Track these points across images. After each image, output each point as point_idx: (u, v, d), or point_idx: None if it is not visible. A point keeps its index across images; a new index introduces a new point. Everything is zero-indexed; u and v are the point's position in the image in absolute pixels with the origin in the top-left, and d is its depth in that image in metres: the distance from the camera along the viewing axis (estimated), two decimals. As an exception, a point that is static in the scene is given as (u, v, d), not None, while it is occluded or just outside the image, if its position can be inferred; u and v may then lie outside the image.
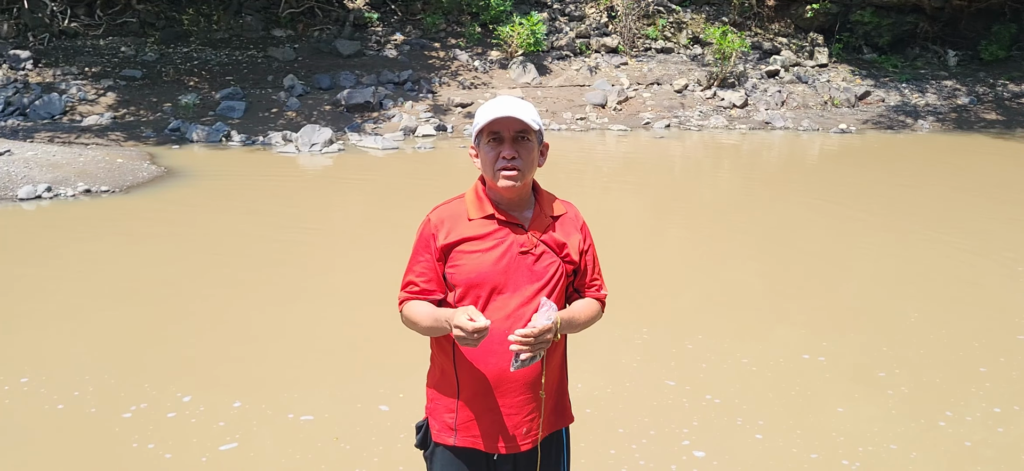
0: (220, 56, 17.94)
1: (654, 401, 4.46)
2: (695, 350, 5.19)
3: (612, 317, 5.75)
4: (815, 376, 4.83)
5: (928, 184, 11.70)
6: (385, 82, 17.14)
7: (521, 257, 2.15)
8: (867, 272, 7.18)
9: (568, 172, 12.32)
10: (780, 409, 4.38)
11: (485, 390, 2.16)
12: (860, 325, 5.70)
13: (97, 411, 4.23)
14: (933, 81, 20.10)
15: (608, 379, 4.73)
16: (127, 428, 4.05)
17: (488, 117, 2.09)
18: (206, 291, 6.32)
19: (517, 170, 2.10)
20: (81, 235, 8.05)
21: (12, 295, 6.19)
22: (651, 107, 17.67)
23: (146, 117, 14.92)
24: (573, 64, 19.07)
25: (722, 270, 7.24)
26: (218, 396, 4.40)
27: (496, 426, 2.17)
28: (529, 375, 2.17)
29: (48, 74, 16.12)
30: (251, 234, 8.18)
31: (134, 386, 4.51)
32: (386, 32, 19.42)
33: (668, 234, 8.94)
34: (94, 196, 9.60)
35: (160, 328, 5.47)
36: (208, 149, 13.12)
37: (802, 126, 17.16)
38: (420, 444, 2.30)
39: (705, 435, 4.09)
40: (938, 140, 16.31)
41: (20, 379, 4.57)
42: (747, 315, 5.91)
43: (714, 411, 4.35)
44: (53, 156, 10.73)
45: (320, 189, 10.86)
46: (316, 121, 14.82)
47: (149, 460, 3.77)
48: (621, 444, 3.99)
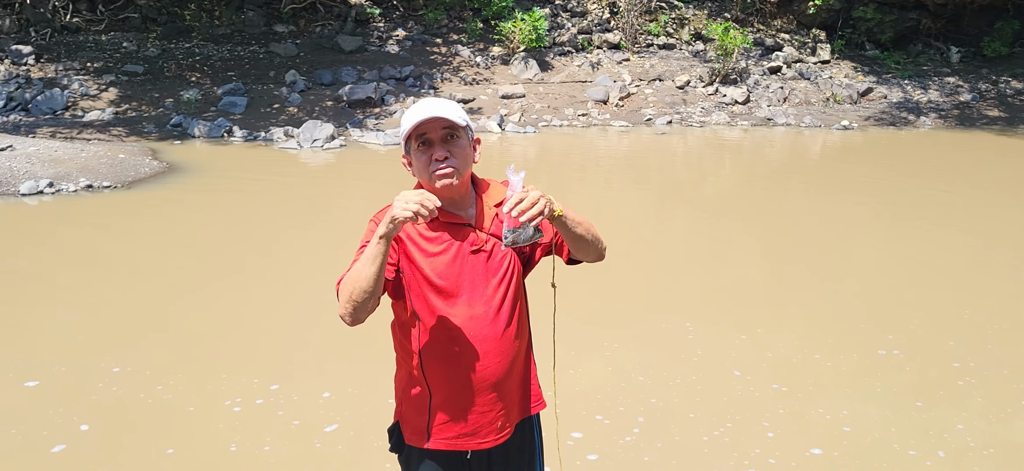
0: (222, 51, 17.94)
1: (655, 396, 4.46)
2: (696, 342, 5.20)
3: (613, 310, 5.77)
4: (816, 374, 4.83)
5: (931, 181, 11.68)
6: (387, 78, 17.13)
7: (473, 257, 2.12)
8: (868, 269, 7.17)
9: (570, 168, 12.32)
10: (782, 407, 4.39)
11: (455, 391, 2.14)
12: (862, 322, 5.69)
13: (195, 409, 4.27)
14: (935, 77, 20.07)
15: (608, 372, 4.74)
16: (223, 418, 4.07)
17: (413, 121, 2.04)
18: (215, 284, 6.34)
19: (453, 167, 2.05)
20: (83, 229, 8.07)
21: (19, 288, 6.21)
22: (653, 103, 17.65)
23: (148, 112, 14.93)
24: (575, 60, 19.05)
25: (724, 265, 7.24)
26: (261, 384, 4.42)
27: (468, 425, 2.17)
28: (497, 372, 2.14)
29: (50, 69, 16.13)
30: (254, 229, 8.19)
31: (195, 376, 4.53)
32: (388, 28, 19.40)
33: (670, 229, 8.94)
34: (96, 191, 9.61)
35: (181, 322, 5.49)
36: (210, 145, 13.12)
37: (804, 123, 17.14)
38: (394, 448, 2.29)
39: (705, 434, 4.09)
40: (940, 137, 16.28)
41: (113, 368, 4.61)
42: (748, 312, 5.90)
43: (715, 406, 4.35)
44: (55, 151, 10.75)
45: (322, 185, 10.87)
46: (318, 117, 14.83)
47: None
48: (622, 443, 4.00)
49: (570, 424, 4.01)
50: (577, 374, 4.70)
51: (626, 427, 4.12)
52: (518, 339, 2.20)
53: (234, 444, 3.91)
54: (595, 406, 4.32)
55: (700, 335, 5.38)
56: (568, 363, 4.73)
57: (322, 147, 12.90)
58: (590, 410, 4.26)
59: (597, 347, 5.13)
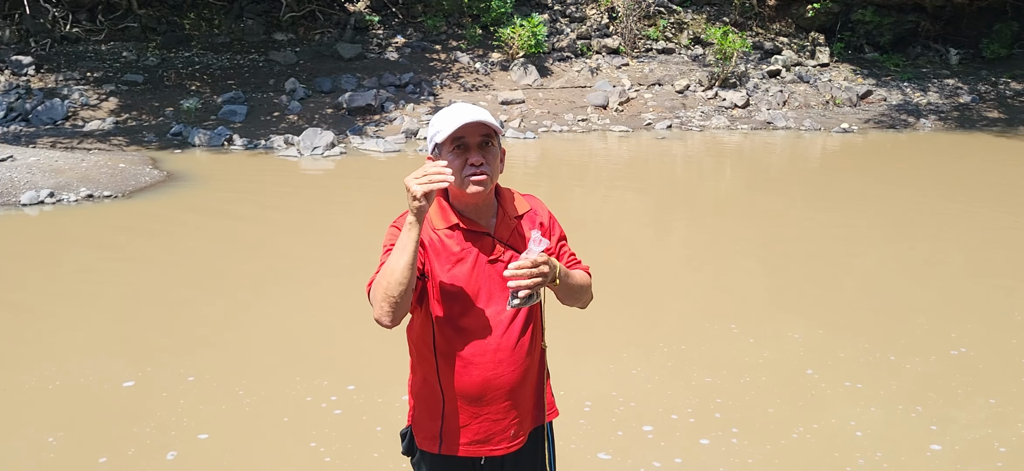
0: (221, 60, 17.96)
1: (656, 402, 4.45)
2: (696, 349, 5.19)
3: (613, 317, 5.76)
4: (818, 376, 4.82)
5: (931, 183, 11.68)
6: (386, 85, 17.15)
7: (491, 266, 2.13)
8: (869, 273, 7.17)
9: (570, 173, 12.32)
10: (785, 410, 4.38)
11: (469, 398, 2.15)
12: (863, 327, 5.68)
13: (251, 411, 4.31)
14: (935, 80, 20.07)
15: (610, 379, 4.73)
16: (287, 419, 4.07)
17: (455, 125, 2.03)
18: (222, 293, 6.33)
19: (485, 175, 2.07)
20: (83, 240, 8.06)
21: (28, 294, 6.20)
22: (652, 108, 17.66)
23: (148, 122, 14.94)
24: (574, 65, 19.07)
25: (725, 270, 7.22)
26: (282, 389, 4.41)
27: (481, 432, 2.18)
28: (511, 380, 2.16)
29: (50, 79, 16.15)
30: (256, 237, 8.19)
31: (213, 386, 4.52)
32: (387, 35, 19.43)
33: (671, 234, 8.93)
34: (97, 201, 9.61)
35: (185, 332, 5.48)
36: (210, 153, 13.13)
37: (804, 126, 17.15)
38: (406, 451, 2.31)
39: (707, 437, 4.08)
40: (940, 139, 16.29)
41: (124, 383, 4.63)
42: (748, 316, 5.89)
43: (716, 410, 4.34)
44: (55, 161, 10.75)
45: (323, 192, 10.87)
46: (318, 124, 14.84)
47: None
48: (621, 446, 3.99)
49: (597, 441, 4.00)
50: (587, 386, 4.68)
51: (635, 437, 4.10)
52: (532, 348, 2.21)
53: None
54: (599, 416, 4.31)
55: (700, 342, 5.37)
56: (614, 371, 4.72)
57: (322, 154, 12.91)
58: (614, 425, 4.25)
59: (598, 352, 5.12)
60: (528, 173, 12.22)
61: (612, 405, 4.41)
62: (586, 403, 4.37)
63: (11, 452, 3.93)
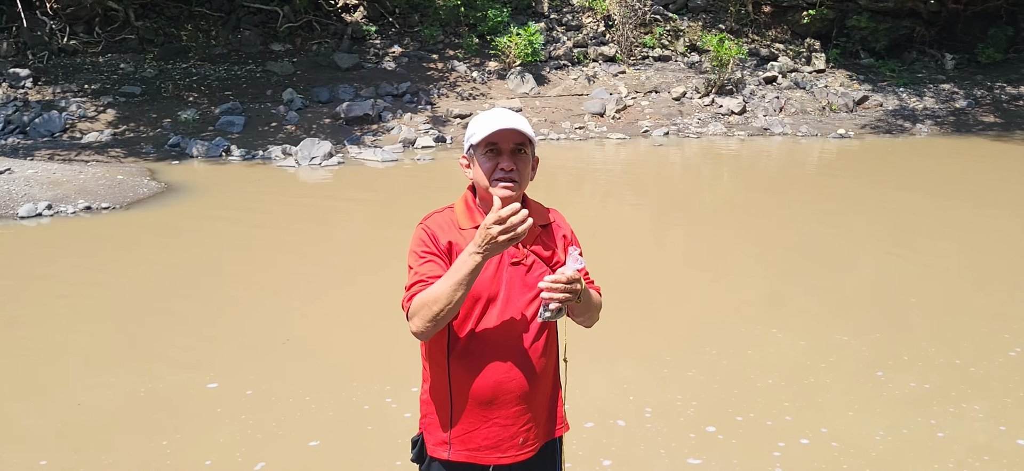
0: (219, 71, 17.98)
1: (657, 408, 4.45)
2: (696, 355, 5.18)
3: (613, 324, 5.75)
4: (819, 379, 4.82)
5: (928, 187, 11.71)
6: (384, 94, 17.18)
7: (513, 268, 2.16)
8: (869, 277, 7.17)
9: (568, 181, 12.33)
10: (789, 416, 4.37)
11: (480, 403, 2.16)
12: (862, 330, 5.69)
13: (334, 413, 4.23)
14: (930, 85, 20.15)
15: (610, 385, 4.72)
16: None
17: (489, 129, 2.09)
18: (229, 298, 6.32)
19: (514, 181, 2.10)
20: (81, 252, 8.05)
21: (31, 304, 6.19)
22: (649, 115, 17.70)
23: (146, 133, 14.94)
24: (571, 73, 19.12)
25: (723, 276, 7.23)
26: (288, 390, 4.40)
27: (491, 439, 2.18)
28: (522, 385, 2.17)
29: (48, 92, 16.16)
30: (254, 248, 8.18)
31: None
32: (384, 45, 19.47)
33: (669, 241, 8.94)
34: (95, 213, 9.60)
35: (194, 344, 5.47)
36: (208, 164, 13.13)
37: (800, 132, 17.19)
38: (416, 458, 2.31)
39: (709, 443, 4.08)
40: (936, 143, 16.34)
41: (246, 391, 4.65)
42: (748, 322, 5.90)
43: (718, 417, 4.34)
44: (53, 173, 10.74)
45: (321, 202, 10.86)
46: (315, 134, 14.85)
47: None
48: (623, 452, 3.98)
49: (601, 446, 3.99)
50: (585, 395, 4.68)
51: (636, 443, 4.10)
52: (545, 355, 2.22)
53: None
54: (602, 423, 4.30)
55: (699, 349, 5.36)
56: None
57: (320, 164, 12.91)
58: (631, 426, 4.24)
59: (597, 360, 5.12)
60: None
61: (614, 412, 4.40)
62: (588, 409, 4.37)
63: (7, 464, 3.92)
